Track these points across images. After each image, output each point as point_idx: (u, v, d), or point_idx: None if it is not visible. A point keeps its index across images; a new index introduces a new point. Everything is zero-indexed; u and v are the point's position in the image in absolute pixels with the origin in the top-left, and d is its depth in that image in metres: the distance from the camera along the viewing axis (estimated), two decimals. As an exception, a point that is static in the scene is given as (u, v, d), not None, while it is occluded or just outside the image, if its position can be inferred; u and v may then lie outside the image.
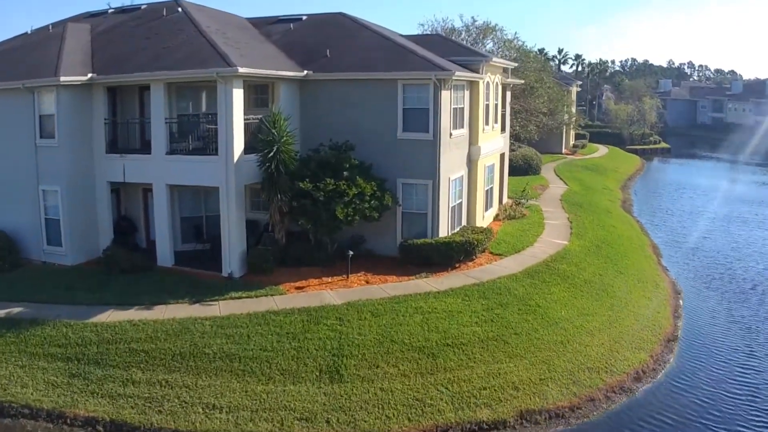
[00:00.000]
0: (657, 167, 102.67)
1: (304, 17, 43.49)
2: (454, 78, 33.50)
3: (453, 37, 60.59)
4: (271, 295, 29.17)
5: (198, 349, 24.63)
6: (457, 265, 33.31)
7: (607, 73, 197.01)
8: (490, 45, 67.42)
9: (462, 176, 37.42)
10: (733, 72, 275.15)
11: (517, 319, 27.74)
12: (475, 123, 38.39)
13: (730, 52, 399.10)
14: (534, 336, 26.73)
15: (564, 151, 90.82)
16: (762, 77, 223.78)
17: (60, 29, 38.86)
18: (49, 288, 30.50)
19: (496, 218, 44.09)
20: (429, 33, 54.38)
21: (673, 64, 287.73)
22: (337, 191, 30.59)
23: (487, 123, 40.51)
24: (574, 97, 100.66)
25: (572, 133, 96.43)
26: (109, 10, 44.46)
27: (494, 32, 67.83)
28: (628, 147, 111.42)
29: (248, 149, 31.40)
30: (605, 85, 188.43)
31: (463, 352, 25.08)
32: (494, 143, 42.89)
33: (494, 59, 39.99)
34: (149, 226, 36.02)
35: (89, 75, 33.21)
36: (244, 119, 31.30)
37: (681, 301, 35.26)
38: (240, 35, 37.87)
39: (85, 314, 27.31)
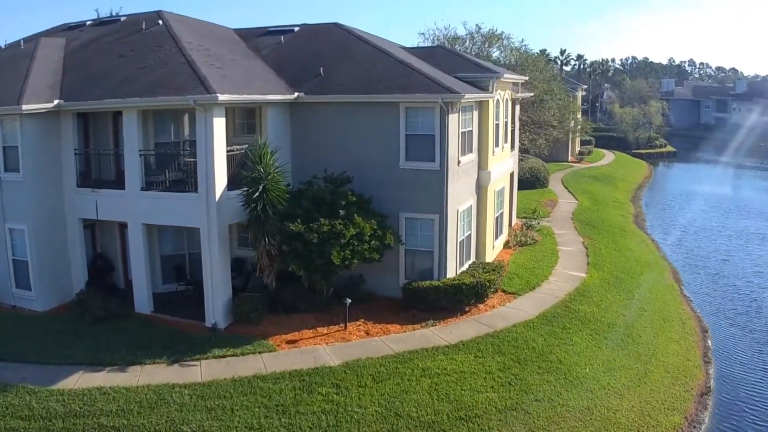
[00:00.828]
0: (664, 173, 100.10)
1: (296, 28, 40.26)
2: (462, 100, 30.17)
3: (456, 46, 57.51)
4: (260, 352, 25.80)
5: (175, 426, 21.15)
6: (467, 309, 30.11)
7: (610, 73, 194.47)
8: (496, 54, 64.19)
9: (471, 206, 34.18)
10: (734, 70, 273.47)
11: (538, 380, 24.38)
12: (484, 146, 35.13)
13: (731, 49, 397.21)
14: (557, 402, 23.34)
15: (570, 158, 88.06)
16: (763, 74, 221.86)
17: (32, 46, 35.67)
18: (15, 340, 27.17)
19: (506, 245, 40.85)
20: (431, 45, 50.83)
21: (674, 61, 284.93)
22: (332, 232, 27.17)
23: (497, 144, 37.29)
24: (579, 102, 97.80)
25: (578, 139, 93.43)
26: (87, 23, 41.31)
27: (500, 40, 64.61)
28: (633, 151, 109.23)
29: (233, 184, 28.04)
30: (605, 84, 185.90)
31: (479, 427, 21.61)
32: (504, 165, 39.71)
33: (505, 75, 36.63)
34: (128, 264, 32.46)
35: (56, 101, 29.93)
36: (228, 151, 27.93)
37: (709, 342, 32.24)
38: (224, 51, 34.54)
39: (52, 377, 23.94)
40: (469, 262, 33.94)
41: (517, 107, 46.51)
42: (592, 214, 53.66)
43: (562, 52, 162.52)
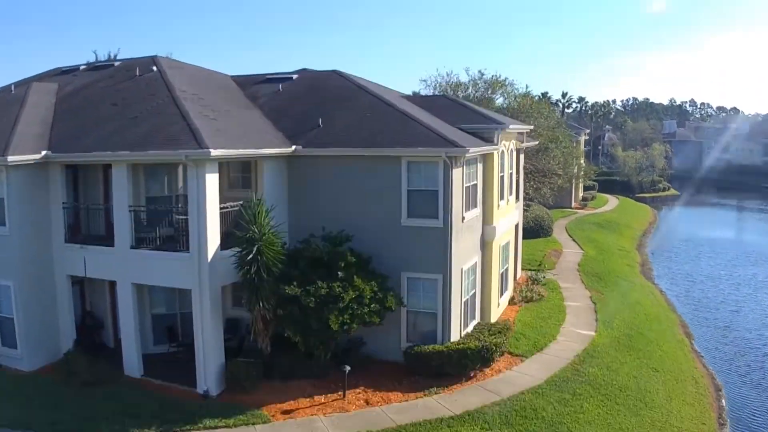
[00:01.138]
0: (669, 218, 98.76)
1: (295, 76, 39.18)
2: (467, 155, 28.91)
3: (459, 92, 56.22)
4: (253, 423, 24.29)
5: None
6: (472, 375, 28.61)
7: (612, 115, 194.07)
8: (500, 100, 62.84)
9: (475, 263, 32.79)
10: (735, 109, 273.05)
11: (549, 456, 22.92)
12: (489, 199, 33.82)
13: (731, 88, 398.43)
14: (570, 481, 21.90)
15: (573, 204, 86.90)
16: (763, 113, 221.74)
17: (23, 91, 34.54)
18: (0, 403, 25.88)
19: (512, 301, 39.34)
20: (434, 94, 49.50)
21: (675, 102, 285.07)
22: (330, 296, 25.70)
23: (502, 197, 35.99)
24: (582, 147, 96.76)
25: (581, 184, 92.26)
26: (81, 67, 40.30)
27: (504, 87, 63.46)
28: (637, 195, 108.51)
29: (227, 242, 26.65)
30: (607, 126, 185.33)
31: None
32: (510, 218, 38.44)
33: (510, 126, 35.32)
34: (118, 322, 30.89)
35: (43, 152, 28.73)
36: (221, 208, 26.61)
37: (723, 402, 31.07)
38: (220, 100, 33.42)
39: (35, 450, 22.39)
40: (474, 322, 32.53)
41: (522, 156, 45.29)
42: (599, 265, 52.33)
43: (564, 94, 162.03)
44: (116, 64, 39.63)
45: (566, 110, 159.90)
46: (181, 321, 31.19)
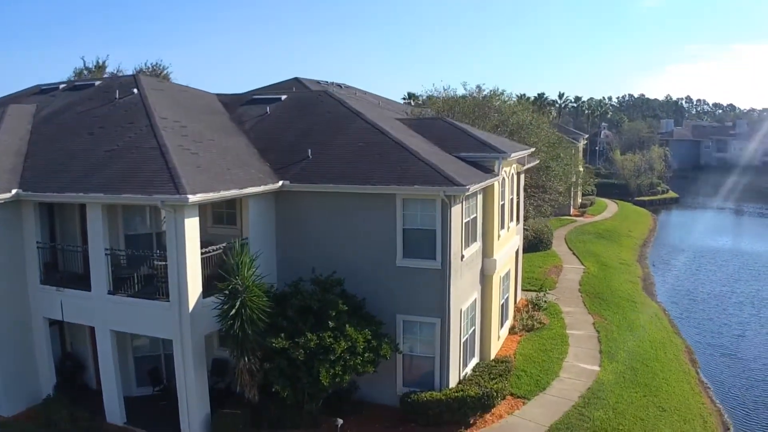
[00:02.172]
0: (669, 225, 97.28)
1: (284, 97, 37.61)
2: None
3: (456, 109, 54.24)
4: (240, 480, 22.78)
5: None
6: (471, 422, 26.98)
7: (609, 115, 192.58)
8: (496, 105, 60.52)
9: (475, 300, 31.16)
10: (731, 106, 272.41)
11: None
12: (489, 232, 32.14)
13: (727, 85, 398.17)
14: None
15: (572, 212, 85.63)
16: (758, 108, 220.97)
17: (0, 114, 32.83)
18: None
19: (512, 330, 37.73)
20: (431, 117, 47.21)
21: (671, 98, 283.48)
22: (321, 347, 24.00)
23: (503, 226, 34.34)
24: (581, 154, 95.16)
25: (579, 191, 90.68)
26: (61, 86, 38.75)
27: (501, 100, 61.77)
28: (636, 199, 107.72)
29: (210, 289, 24.98)
30: (603, 123, 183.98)
31: None
32: (510, 246, 36.85)
33: (512, 154, 33.38)
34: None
35: (14, 191, 27.08)
36: (203, 253, 24.98)
37: (733, 443, 29.43)
38: (204, 127, 31.71)
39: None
40: (474, 361, 31.02)
41: (522, 177, 43.56)
42: (600, 283, 50.84)
43: (561, 95, 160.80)
44: (97, 83, 38.06)
45: (563, 110, 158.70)
46: (166, 362, 29.47)
